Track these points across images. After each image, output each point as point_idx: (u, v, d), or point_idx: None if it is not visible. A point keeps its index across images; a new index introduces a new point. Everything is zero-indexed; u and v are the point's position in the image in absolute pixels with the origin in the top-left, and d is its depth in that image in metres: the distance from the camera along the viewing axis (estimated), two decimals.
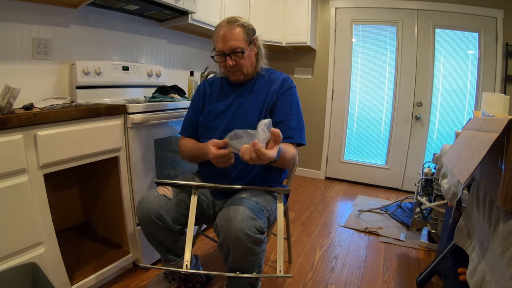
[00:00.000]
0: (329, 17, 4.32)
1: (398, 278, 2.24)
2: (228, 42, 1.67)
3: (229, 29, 1.67)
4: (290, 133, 1.71)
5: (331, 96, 4.47)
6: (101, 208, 2.27)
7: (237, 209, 1.40)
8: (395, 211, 3.35)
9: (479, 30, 3.64)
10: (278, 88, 1.78)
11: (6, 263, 1.41)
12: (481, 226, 1.23)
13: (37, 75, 2.04)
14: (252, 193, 1.60)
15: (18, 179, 1.43)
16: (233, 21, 1.70)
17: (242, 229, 1.34)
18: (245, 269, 1.43)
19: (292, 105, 1.77)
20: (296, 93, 1.83)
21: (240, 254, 1.38)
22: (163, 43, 3.04)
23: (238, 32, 1.68)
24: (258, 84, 1.82)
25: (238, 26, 1.69)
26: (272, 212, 1.63)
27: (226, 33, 1.66)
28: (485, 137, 1.05)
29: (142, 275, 2.13)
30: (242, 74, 1.77)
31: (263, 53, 1.85)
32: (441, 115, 3.99)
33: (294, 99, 1.80)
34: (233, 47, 1.67)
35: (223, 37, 1.67)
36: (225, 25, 1.69)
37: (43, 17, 2.03)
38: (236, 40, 1.68)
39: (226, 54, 1.69)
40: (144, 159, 2.05)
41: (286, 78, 1.84)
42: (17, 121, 1.38)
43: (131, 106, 1.91)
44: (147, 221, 1.58)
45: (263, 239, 1.41)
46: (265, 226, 1.46)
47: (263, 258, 1.49)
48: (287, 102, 1.77)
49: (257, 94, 1.78)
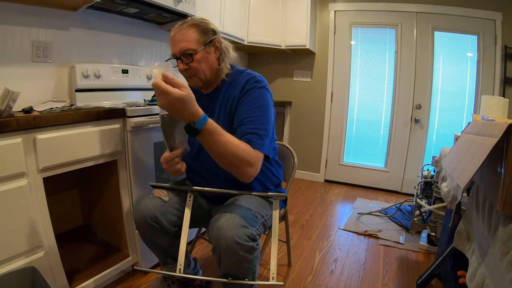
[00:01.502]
0: (328, 20, 4.33)
1: (398, 281, 2.24)
2: (177, 44, 1.52)
3: (180, 29, 1.53)
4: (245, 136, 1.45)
5: (330, 99, 4.48)
6: (100, 212, 2.27)
7: (228, 217, 1.37)
8: (395, 214, 3.35)
9: (478, 32, 3.66)
10: (239, 91, 1.56)
11: (5, 266, 1.41)
12: (480, 229, 1.23)
13: (37, 78, 2.04)
14: (247, 198, 1.56)
15: (17, 183, 1.43)
16: (186, 22, 1.56)
17: (233, 238, 1.31)
18: (238, 276, 1.42)
19: (251, 106, 1.52)
20: (261, 93, 1.55)
21: (232, 262, 1.37)
22: (162, 46, 3.04)
23: (189, 33, 1.51)
24: (223, 92, 1.63)
25: (190, 27, 1.53)
26: (268, 218, 1.60)
27: (176, 34, 1.52)
28: (484, 142, 1.05)
29: (141, 279, 2.12)
30: (199, 80, 1.58)
31: (230, 55, 1.64)
32: (440, 118, 4.00)
33: (256, 100, 1.54)
34: (183, 49, 1.51)
35: (172, 39, 1.54)
36: (177, 26, 1.55)
37: (42, 20, 2.03)
38: (187, 42, 1.51)
39: (177, 57, 1.55)
40: (143, 162, 2.05)
41: (251, 78, 1.59)
42: (17, 125, 1.38)
43: (130, 109, 1.91)
44: (143, 224, 1.57)
45: (255, 246, 1.38)
46: (258, 233, 1.43)
47: (257, 264, 1.47)
48: (246, 103, 1.53)
49: (223, 104, 1.61)
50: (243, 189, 1.61)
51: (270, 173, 1.74)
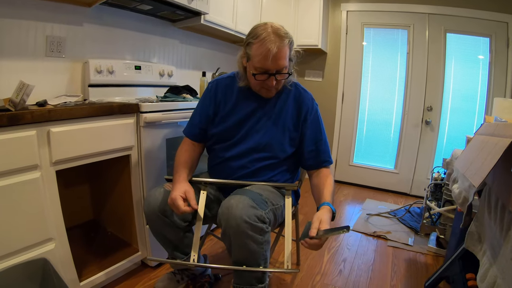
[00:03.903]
0: (340, 20, 4.32)
1: (406, 282, 2.23)
2: (278, 62, 1.49)
3: (281, 46, 1.47)
4: (325, 157, 1.72)
5: (341, 99, 4.47)
6: (111, 206, 2.28)
7: (238, 198, 1.40)
8: (404, 216, 3.33)
9: (490, 35, 3.62)
10: (312, 113, 1.71)
11: (17, 257, 1.43)
12: (492, 230, 1.23)
13: (50, 72, 2.06)
14: (259, 186, 1.59)
15: (30, 175, 1.44)
16: (283, 36, 1.50)
17: (242, 217, 1.34)
18: (250, 262, 1.42)
19: (321, 128, 1.73)
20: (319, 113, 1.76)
21: (242, 243, 1.38)
22: (175, 43, 3.06)
23: (286, 49, 1.51)
24: (282, 98, 1.71)
25: (286, 42, 1.50)
26: (279, 207, 1.62)
27: (279, 51, 1.47)
28: (498, 142, 1.05)
29: (150, 274, 2.13)
30: (276, 91, 1.66)
31: (293, 64, 1.66)
32: (451, 120, 3.97)
33: (321, 121, 1.75)
34: (281, 67, 1.52)
35: (274, 56, 1.46)
36: (275, 38, 1.47)
37: (56, 15, 2.05)
38: (284, 59, 1.51)
39: (271, 73, 1.53)
40: (155, 158, 2.06)
41: (312, 98, 1.76)
42: (31, 117, 1.40)
43: (144, 105, 1.92)
44: (152, 217, 1.59)
45: (264, 228, 1.40)
46: (268, 217, 1.44)
47: (268, 250, 1.47)
48: (316, 126, 1.72)
49: (280, 110, 1.69)
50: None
51: (286, 175, 1.79)
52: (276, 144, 1.67)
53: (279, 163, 1.70)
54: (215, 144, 1.76)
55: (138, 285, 2.03)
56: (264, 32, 1.48)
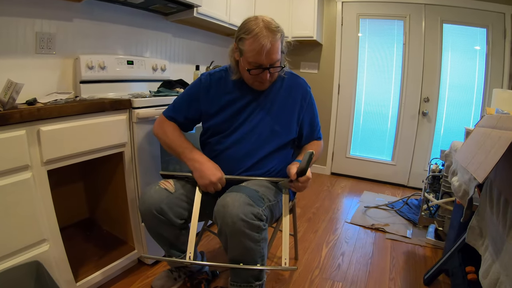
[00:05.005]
0: (335, 11, 4.27)
1: (405, 275, 2.22)
2: (269, 56, 1.51)
3: (274, 41, 1.49)
4: (317, 133, 1.88)
5: (337, 91, 4.44)
6: (105, 204, 2.26)
7: (234, 196, 1.39)
8: (402, 208, 3.32)
9: (487, 26, 3.59)
10: (306, 98, 1.79)
11: (10, 260, 1.40)
12: (494, 225, 1.20)
13: (41, 69, 2.02)
14: (255, 182, 1.59)
15: (21, 176, 1.41)
16: (275, 30, 1.51)
17: (238, 215, 1.33)
18: (247, 260, 1.42)
19: (315, 111, 1.85)
20: (312, 95, 1.85)
21: (238, 241, 1.37)
22: (168, 37, 3.02)
23: (278, 43, 1.53)
24: (276, 87, 1.73)
25: (277, 37, 1.52)
26: (276, 204, 1.61)
27: (272, 46, 1.49)
28: (502, 135, 1.02)
29: (147, 272, 2.12)
30: (270, 83, 1.69)
31: (285, 56, 1.69)
32: (448, 111, 3.95)
33: (314, 103, 1.86)
34: (274, 61, 1.54)
35: (268, 51, 1.49)
36: (268, 33, 1.48)
37: (46, 11, 2.00)
38: (276, 53, 1.54)
39: (265, 67, 1.55)
40: (149, 154, 2.03)
41: (305, 82, 1.83)
42: (20, 117, 1.36)
43: (136, 100, 1.88)
44: (148, 215, 1.57)
45: (261, 226, 1.39)
46: (265, 214, 1.44)
47: (265, 247, 1.47)
48: (312, 109, 1.83)
49: (275, 99, 1.71)
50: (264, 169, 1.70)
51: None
52: (272, 132, 1.69)
53: (276, 152, 1.72)
54: (210, 137, 1.75)
55: (136, 283, 2.01)
56: (257, 27, 1.49)
